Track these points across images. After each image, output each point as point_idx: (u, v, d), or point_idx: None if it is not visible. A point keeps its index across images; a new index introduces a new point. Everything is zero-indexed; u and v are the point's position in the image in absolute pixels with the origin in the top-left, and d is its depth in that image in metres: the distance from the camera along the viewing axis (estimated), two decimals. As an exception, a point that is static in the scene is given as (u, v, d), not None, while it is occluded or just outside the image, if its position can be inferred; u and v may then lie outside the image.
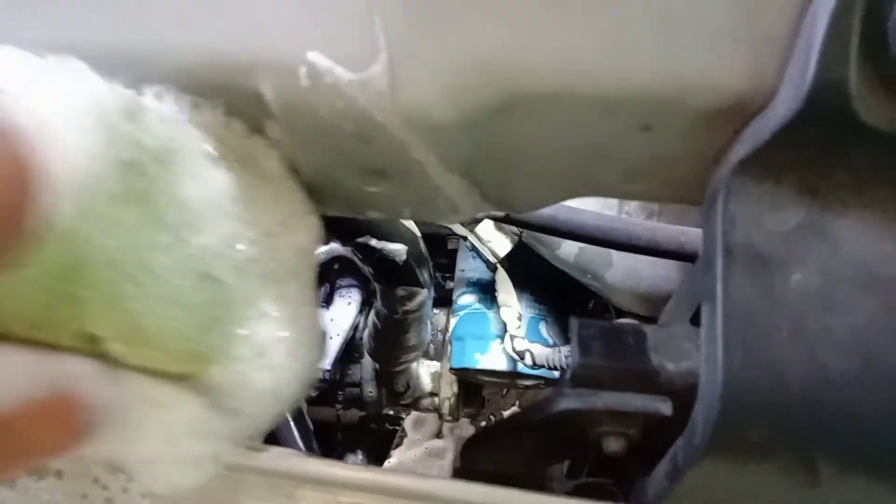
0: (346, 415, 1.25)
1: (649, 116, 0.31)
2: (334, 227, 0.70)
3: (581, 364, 0.33)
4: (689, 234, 0.54)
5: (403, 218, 0.68)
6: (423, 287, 0.78)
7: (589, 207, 0.65)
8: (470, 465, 0.41)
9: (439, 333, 1.07)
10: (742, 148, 0.31)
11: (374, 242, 0.70)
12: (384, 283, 0.77)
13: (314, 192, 0.38)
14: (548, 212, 0.60)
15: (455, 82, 0.30)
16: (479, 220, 0.78)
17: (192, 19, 0.31)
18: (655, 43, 0.29)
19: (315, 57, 0.30)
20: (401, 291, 0.78)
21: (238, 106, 0.33)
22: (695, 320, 0.40)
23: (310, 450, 0.78)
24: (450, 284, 1.04)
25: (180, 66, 0.32)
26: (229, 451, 0.32)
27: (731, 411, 0.29)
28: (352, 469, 0.34)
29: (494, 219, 0.68)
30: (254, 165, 0.33)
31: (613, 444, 0.33)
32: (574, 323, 0.35)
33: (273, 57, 0.31)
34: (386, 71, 0.30)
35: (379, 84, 0.30)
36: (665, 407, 0.33)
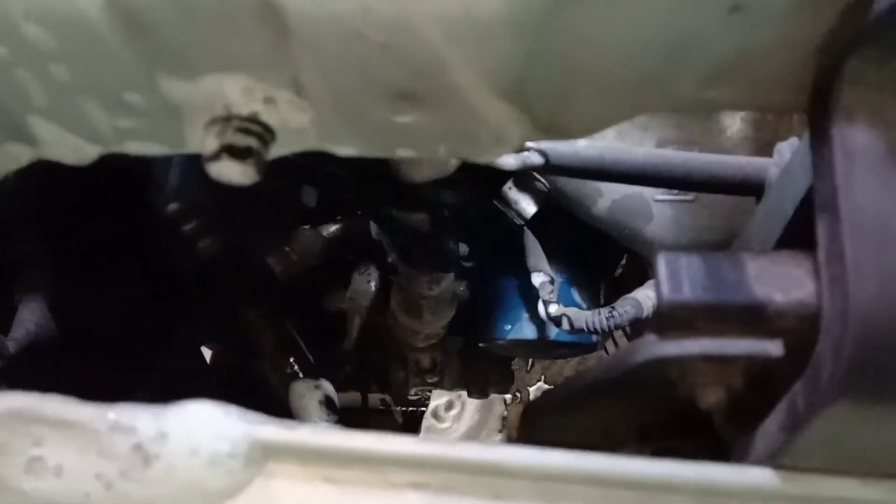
0: (371, 397, 1.20)
1: None
2: (354, 199, 0.65)
3: (669, 302, 0.28)
4: (756, 165, 0.48)
5: (438, 156, 0.63)
6: (447, 265, 0.73)
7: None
8: (531, 437, 0.36)
9: (465, 305, 1.02)
10: (857, 24, 0.25)
11: (394, 213, 0.65)
12: (409, 263, 0.73)
13: (335, 126, 0.33)
14: (593, 153, 0.54)
15: None
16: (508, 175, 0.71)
17: None
18: None
19: None
20: (425, 277, 0.73)
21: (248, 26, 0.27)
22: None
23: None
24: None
25: None
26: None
27: (868, 348, 0.24)
28: (403, 442, 0.29)
29: (533, 169, 0.62)
30: None
31: (712, 397, 0.28)
32: (660, 256, 0.29)
33: None
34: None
35: None
36: (775, 348, 0.27)
